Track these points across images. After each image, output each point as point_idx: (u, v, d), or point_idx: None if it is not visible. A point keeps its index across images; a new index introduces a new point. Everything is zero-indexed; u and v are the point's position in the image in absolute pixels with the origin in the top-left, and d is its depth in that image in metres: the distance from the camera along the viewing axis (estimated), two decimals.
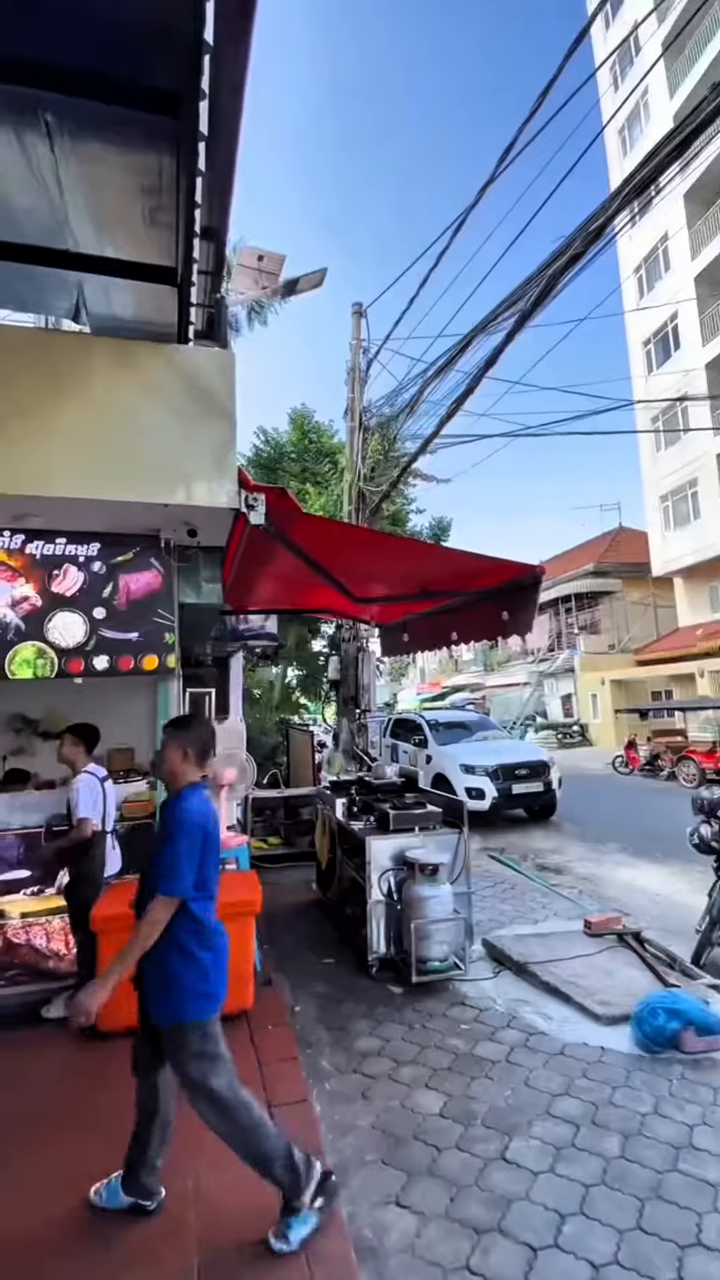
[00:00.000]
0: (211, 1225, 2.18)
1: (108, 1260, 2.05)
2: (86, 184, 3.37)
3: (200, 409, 3.69)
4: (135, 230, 3.72)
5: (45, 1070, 3.14)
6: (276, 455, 14.55)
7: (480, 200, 6.11)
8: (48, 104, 2.89)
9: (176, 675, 4.36)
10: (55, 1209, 2.27)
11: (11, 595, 3.95)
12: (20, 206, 3.55)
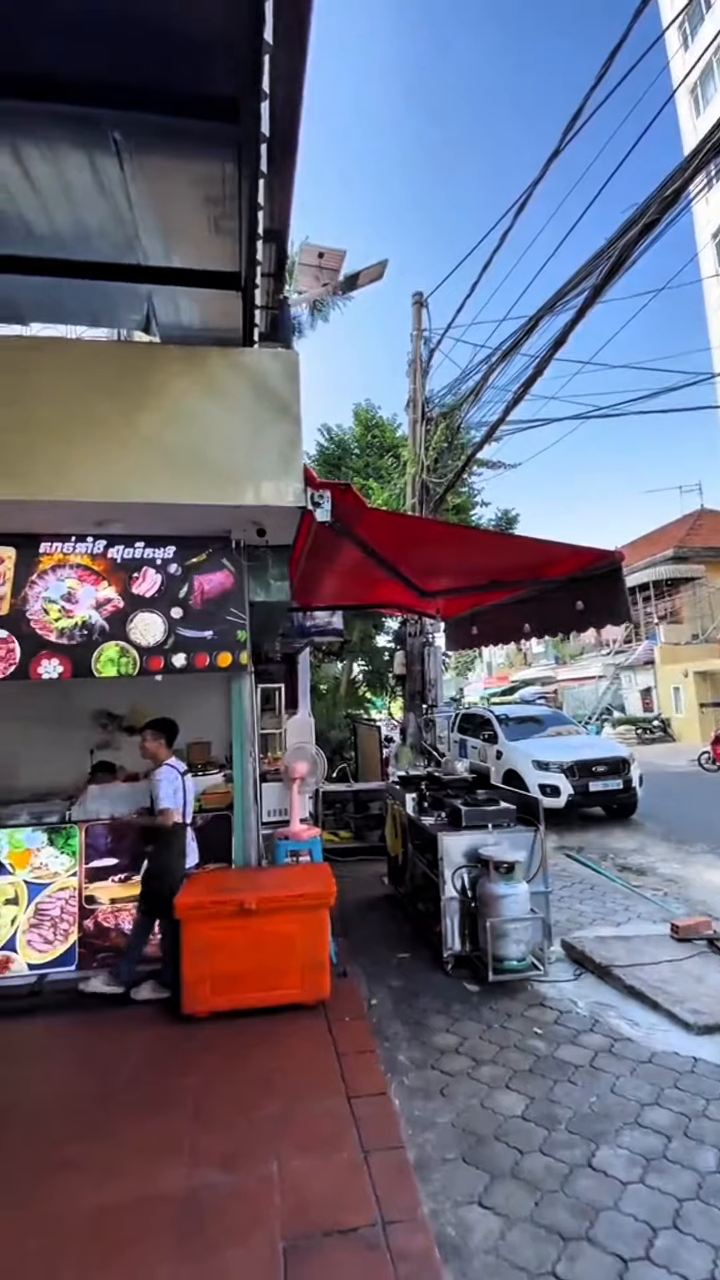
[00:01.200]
0: (296, 1210, 2.22)
1: (200, 1237, 2.13)
2: (154, 198, 3.48)
3: (267, 410, 3.75)
4: (200, 239, 3.81)
5: (136, 1050, 3.29)
6: (340, 452, 14.65)
7: (545, 174, 5.89)
8: (115, 122, 3.00)
9: (249, 672, 4.47)
10: (149, 1185, 2.37)
11: (96, 597, 4.17)
12: (93, 226, 3.71)
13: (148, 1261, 2.03)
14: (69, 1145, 2.58)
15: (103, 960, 4.11)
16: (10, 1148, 2.58)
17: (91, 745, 7.43)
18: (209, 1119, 2.71)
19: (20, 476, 3.50)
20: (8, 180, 3.32)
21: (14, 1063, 3.24)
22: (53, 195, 3.43)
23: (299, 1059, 3.14)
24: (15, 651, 4.03)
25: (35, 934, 4.10)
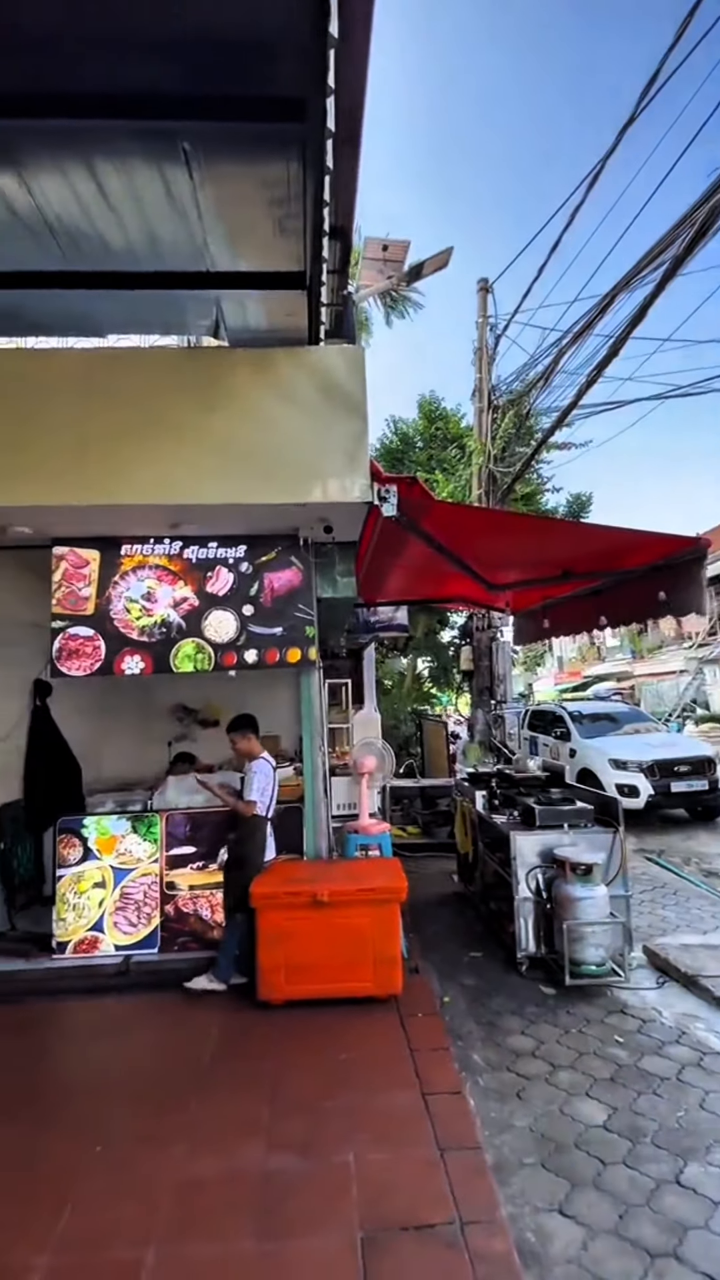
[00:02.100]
0: (373, 1201, 2.24)
1: (278, 1217, 2.18)
2: (221, 204, 3.56)
3: (333, 407, 3.77)
4: (265, 241, 3.87)
5: (216, 1032, 3.41)
6: (404, 445, 14.56)
7: (618, 145, 5.61)
8: (184, 133, 3.08)
9: (317, 667, 4.52)
10: (231, 1163, 2.46)
11: (173, 596, 4.33)
12: (165, 236, 3.83)
13: (230, 1236, 2.10)
14: (158, 1117, 2.71)
15: (183, 944, 4.29)
16: (109, 1115, 2.73)
17: (169, 738, 7.77)
18: (285, 1104, 2.77)
19: (101, 482, 3.68)
20: (85, 198, 3.48)
21: (108, 1037, 3.43)
22: (126, 210, 3.57)
23: (372, 1052, 3.16)
24: (101, 649, 4.25)
25: (121, 916, 4.32)
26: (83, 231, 3.73)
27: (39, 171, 3.30)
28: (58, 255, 3.92)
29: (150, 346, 4.23)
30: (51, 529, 4.18)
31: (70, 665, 4.24)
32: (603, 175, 6.10)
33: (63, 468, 3.65)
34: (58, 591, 4.29)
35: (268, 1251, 2.04)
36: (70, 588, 4.30)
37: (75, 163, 3.27)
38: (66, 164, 3.28)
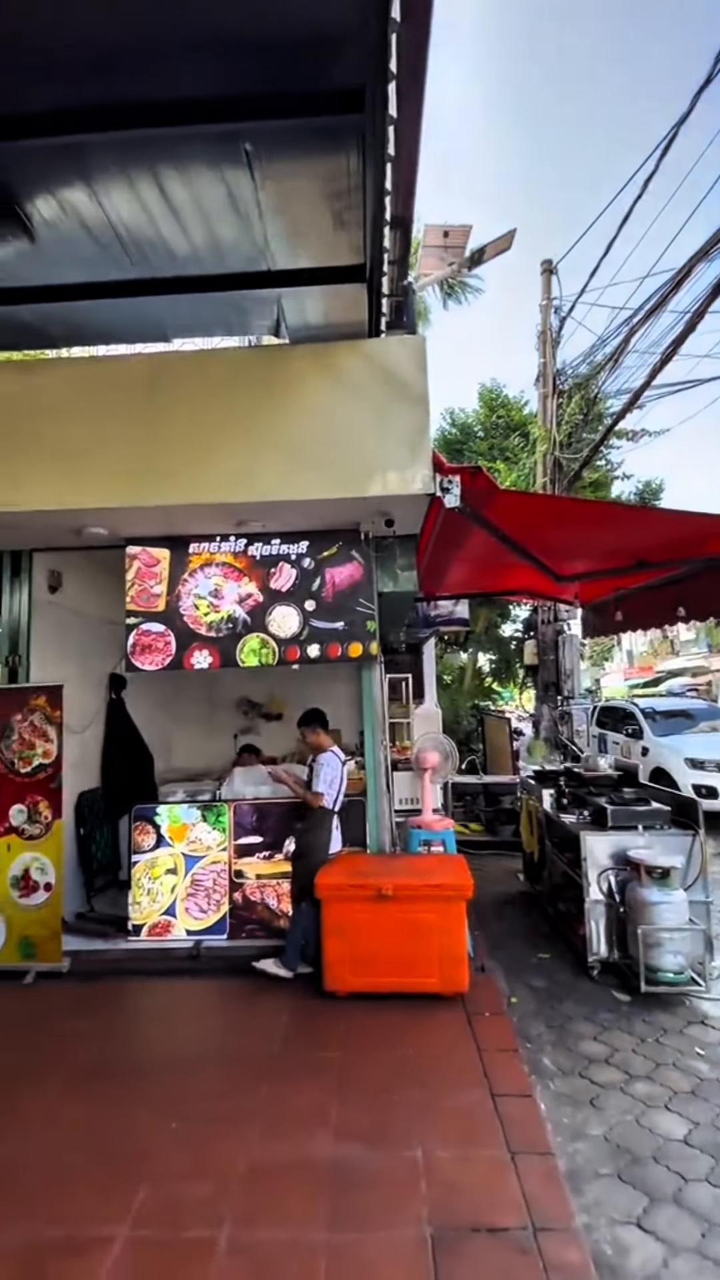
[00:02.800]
0: (442, 1199, 2.22)
1: (348, 1208, 2.20)
2: (281, 201, 3.58)
3: (395, 398, 3.74)
4: (325, 236, 3.87)
5: (283, 1019, 3.48)
6: (463, 436, 14.31)
7: (693, 109, 5.28)
8: (246, 134, 3.11)
9: (379, 661, 4.51)
10: (300, 1150, 2.49)
11: (239, 593, 4.43)
12: (226, 240, 3.89)
13: (299, 1222, 2.13)
14: (230, 1099, 2.78)
15: (250, 932, 4.39)
16: (183, 1094, 2.83)
17: (234, 730, 7.97)
18: (352, 1095, 2.79)
19: (170, 483, 3.80)
20: (151, 207, 3.57)
21: (181, 1018, 3.56)
22: (190, 215, 3.65)
23: (439, 1049, 3.13)
24: (172, 644, 4.40)
25: (191, 902, 4.47)
26: (149, 239, 3.84)
27: (109, 184, 3.42)
28: (126, 264, 4.06)
29: (213, 348, 4.33)
30: (124, 529, 4.35)
31: (144, 660, 4.41)
32: (676, 141, 5.76)
33: (133, 469, 3.78)
34: (131, 589, 4.46)
35: (339, 1241, 2.06)
36: (143, 586, 4.47)
37: (142, 172, 3.36)
38: (134, 174, 3.38)
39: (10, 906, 4.16)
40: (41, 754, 4.27)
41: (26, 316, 4.48)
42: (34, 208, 3.54)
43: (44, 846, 4.21)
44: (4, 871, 4.20)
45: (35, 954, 4.11)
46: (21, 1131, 2.62)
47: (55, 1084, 2.94)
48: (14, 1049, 3.23)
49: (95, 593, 5.64)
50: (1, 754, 4.31)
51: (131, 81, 2.82)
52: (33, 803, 4.24)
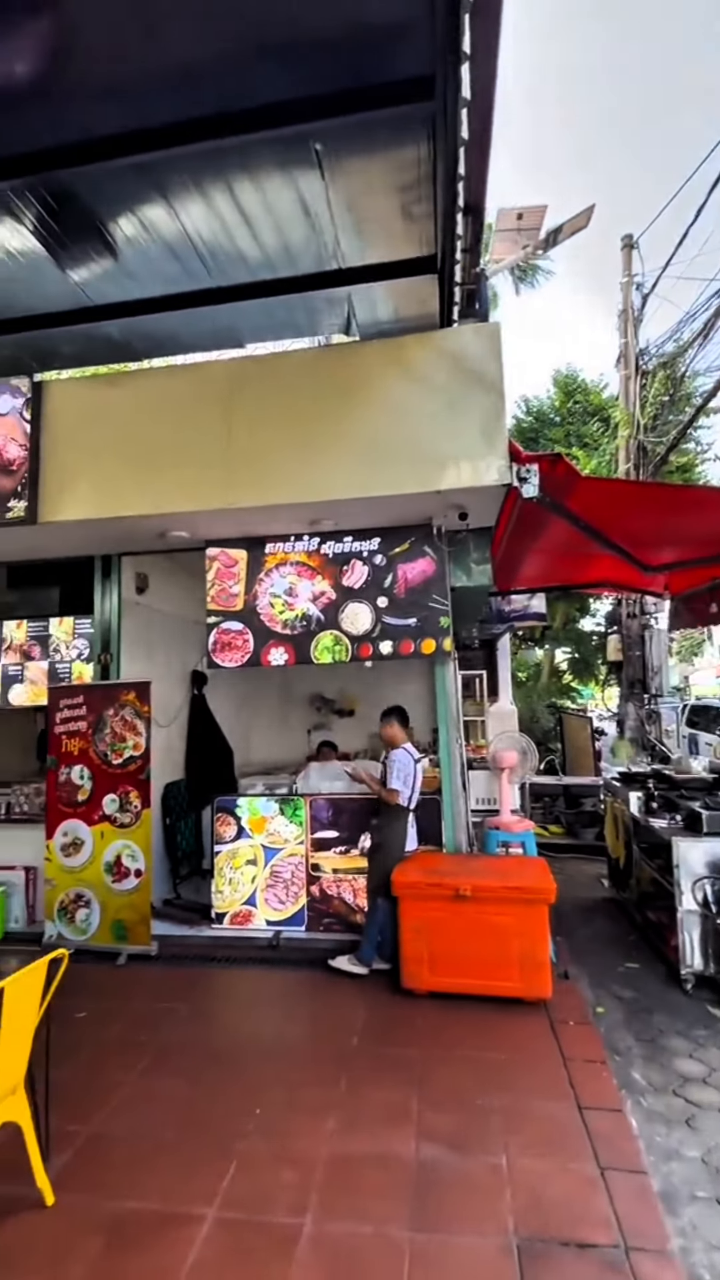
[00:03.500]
0: (529, 1209, 2.16)
1: (431, 1208, 2.18)
2: (352, 198, 3.58)
3: (468, 388, 3.67)
4: (394, 230, 3.84)
5: (361, 1013, 3.50)
6: (538, 424, 13.87)
7: None
8: (316, 134, 3.13)
9: (452, 658, 4.45)
10: (381, 1146, 2.50)
11: (313, 591, 4.49)
12: (297, 242, 3.94)
13: (383, 1219, 2.13)
14: (311, 1090, 2.82)
15: (327, 925, 4.45)
16: (265, 1081, 2.90)
17: (308, 726, 8.11)
18: (433, 1095, 2.76)
19: (247, 485, 3.89)
20: (225, 216, 3.67)
21: (262, 1006, 3.66)
22: (261, 221, 3.72)
23: (522, 1055, 3.05)
24: (250, 642, 4.53)
25: (271, 893, 4.58)
26: (224, 248, 3.95)
27: (185, 198, 3.54)
28: (204, 275, 4.19)
29: (285, 350, 4.40)
30: (205, 532, 4.50)
31: (223, 657, 4.56)
32: None
33: (212, 473, 3.91)
34: (211, 589, 4.62)
35: (422, 1241, 2.05)
36: (222, 586, 4.62)
37: (216, 183, 3.46)
38: (208, 186, 3.48)
39: (104, 891, 4.42)
40: (131, 746, 4.50)
41: (112, 332, 4.73)
42: (116, 227, 3.72)
43: (134, 834, 4.44)
44: (98, 857, 4.47)
45: (127, 937, 4.34)
46: (116, 1104, 2.77)
47: (146, 1060, 3.09)
48: (110, 1024, 3.43)
49: (177, 593, 5.89)
50: (95, 746, 4.58)
51: (207, 96, 2.91)
52: (124, 792, 4.48)
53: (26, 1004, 2.11)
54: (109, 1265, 1.97)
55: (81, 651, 4.99)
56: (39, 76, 2.76)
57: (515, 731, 5.58)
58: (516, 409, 14.36)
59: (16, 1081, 2.14)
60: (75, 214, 3.58)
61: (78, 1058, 3.07)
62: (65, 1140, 2.50)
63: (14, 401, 4.07)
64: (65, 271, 4.06)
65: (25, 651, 5.09)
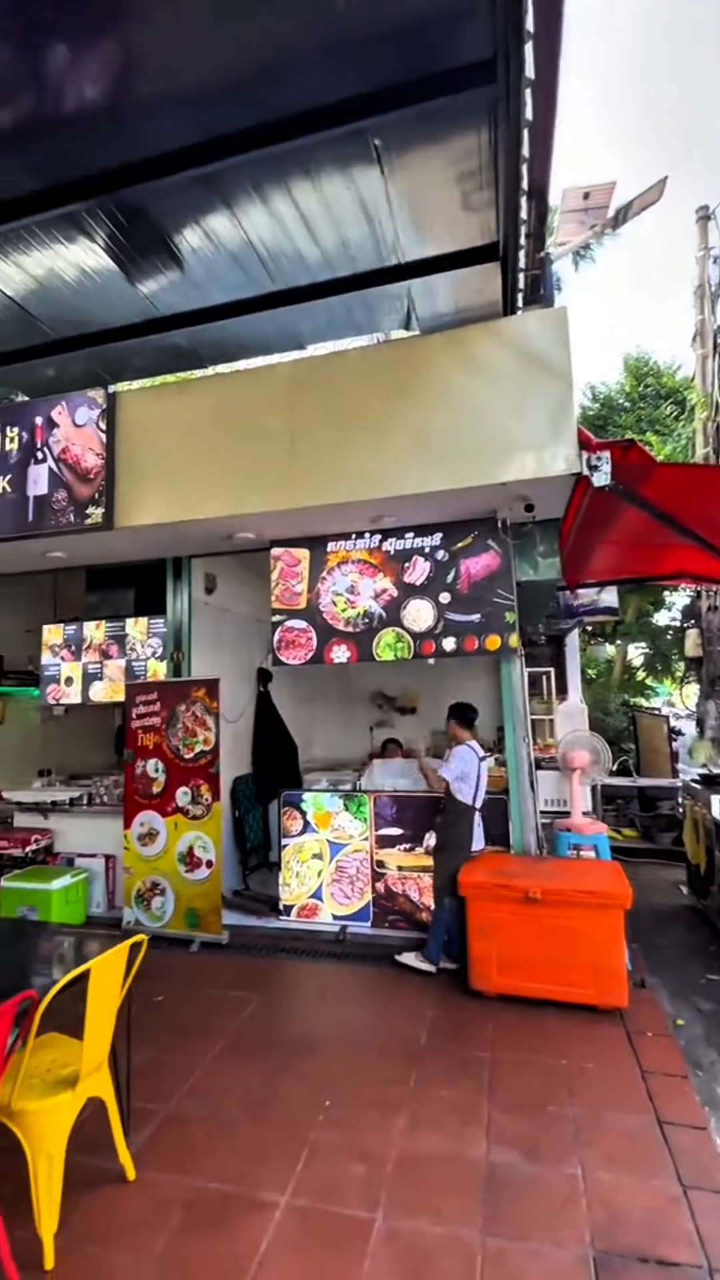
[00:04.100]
0: (607, 1223, 2.09)
1: (504, 1214, 2.14)
2: (411, 191, 3.55)
3: (534, 375, 3.57)
4: (454, 220, 3.78)
5: (429, 1012, 3.48)
6: (606, 410, 13.33)
7: None
8: (375, 129, 3.12)
9: (518, 655, 4.34)
10: (452, 1147, 2.48)
11: (374, 588, 4.50)
12: (355, 240, 3.94)
13: (456, 1220, 2.11)
14: (379, 1085, 2.83)
15: (393, 922, 4.46)
16: (334, 1073, 2.94)
17: (370, 723, 8.14)
18: (504, 1099, 2.72)
19: (310, 485, 3.94)
20: (286, 220, 3.72)
21: (330, 999, 3.70)
22: (321, 222, 3.75)
23: (597, 1064, 2.95)
24: (313, 640, 4.59)
25: (336, 888, 4.63)
26: (284, 252, 4.00)
27: (248, 205, 3.61)
28: (266, 280, 4.26)
29: (344, 349, 4.41)
30: (269, 532, 4.59)
31: (288, 655, 4.64)
32: None
33: (277, 476, 3.98)
34: (276, 588, 4.71)
35: (496, 1246, 2.01)
36: (286, 585, 4.70)
37: (276, 188, 3.51)
38: (268, 191, 3.53)
39: (178, 880, 4.60)
40: (202, 741, 4.66)
41: (180, 341, 4.89)
42: (182, 238, 3.84)
43: (205, 826, 4.59)
44: (172, 847, 4.65)
45: (199, 925, 4.50)
46: (191, 1086, 2.87)
47: (220, 1046, 3.19)
48: (184, 1009, 3.56)
49: (243, 593, 6.05)
50: (168, 740, 4.76)
51: (268, 102, 2.95)
52: (195, 785, 4.64)
53: (110, 985, 2.22)
54: (187, 1242, 2.04)
55: (155, 650, 5.20)
56: (107, 97, 2.89)
57: (586, 730, 5.40)
58: (582, 396, 13.85)
59: (102, 1059, 2.25)
60: (143, 229, 3.72)
61: (156, 1040, 3.20)
62: (144, 1118, 2.62)
63: (91, 413, 4.28)
64: (135, 285, 4.23)
65: (104, 650, 5.36)
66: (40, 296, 4.34)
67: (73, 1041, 2.33)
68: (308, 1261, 1.97)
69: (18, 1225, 1.96)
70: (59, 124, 3.00)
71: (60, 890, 4.68)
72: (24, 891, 4.66)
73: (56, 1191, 2.01)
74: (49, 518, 4.30)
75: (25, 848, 5.14)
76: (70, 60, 2.69)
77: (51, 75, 2.76)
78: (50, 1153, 2.01)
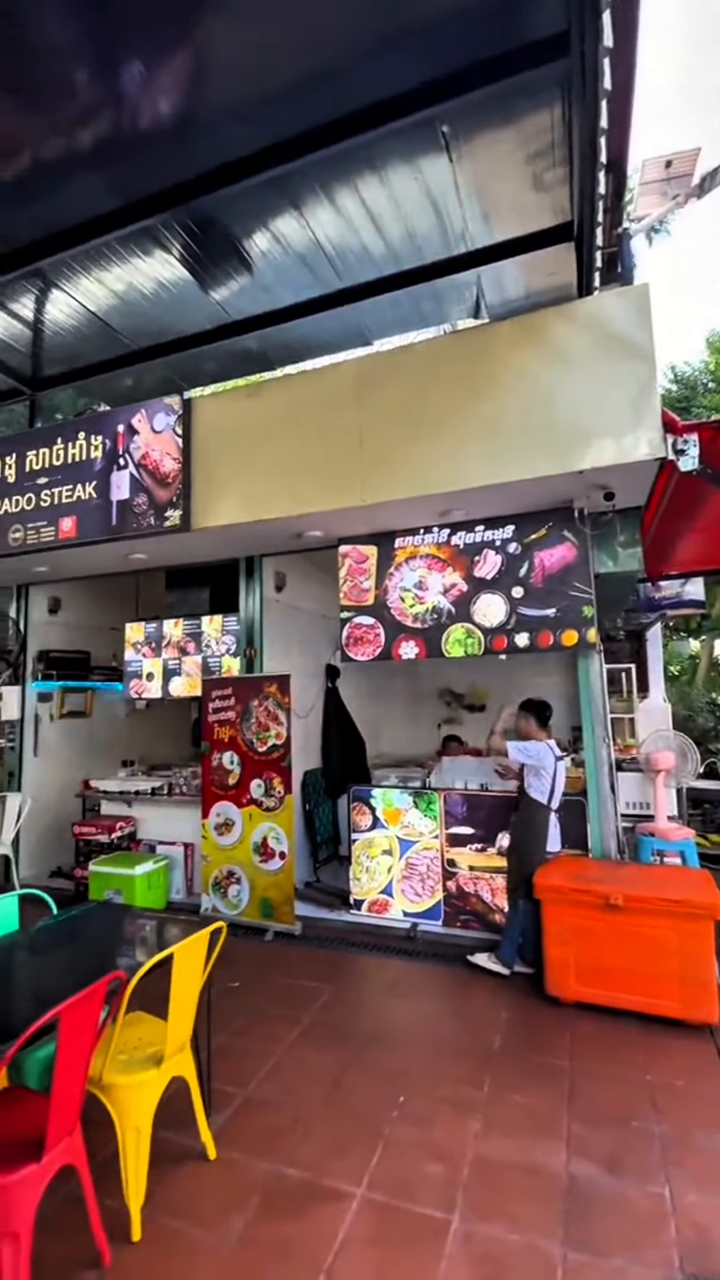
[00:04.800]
0: (697, 1247, 1.98)
1: (587, 1229, 2.07)
2: (480, 177, 3.48)
3: (613, 358, 3.41)
4: (524, 202, 3.68)
5: (504, 1015, 3.41)
6: (687, 391, 12.59)
7: None
8: (443, 116, 3.07)
9: (596, 650, 4.17)
10: (531, 1155, 2.42)
11: (443, 583, 4.44)
12: (422, 232, 3.90)
13: (536, 1231, 2.06)
14: (454, 1086, 2.80)
15: (465, 922, 4.40)
16: (408, 1070, 2.93)
17: (437, 720, 8.06)
18: (584, 1111, 2.62)
19: (378, 482, 3.93)
20: (352, 217, 3.73)
21: (402, 996, 3.70)
22: (387, 216, 3.73)
23: (685, 1081, 2.80)
24: (381, 636, 4.59)
25: (407, 885, 4.62)
26: (351, 249, 4.02)
27: (315, 205, 3.64)
28: (334, 278, 4.29)
29: (410, 342, 4.37)
30: (337, 530, 4.63)
31: (356, 651, 4.66)
32: None
33: (345, 472, 3.99)
34: (344, 585, 4.74)
35: (577, 1260, 1.95)
36: (354, 582, 4.72)
37: (342, 186, 3.53)
38: (335, 190, 3.55)
39: (253, 869, 4.72)
40: (274, 735, 4.76)
41: (250, 345, 5.01)
42: (251, 243, 3.92)
43: (278, 818, 4.69)
44: (247, 837, 4.78)
45: (273, 914, 4.61)
46: (268, 1071, 2.94)
47: (295, 1034, 3.25)
48: (260, 996, 3.66)
49: (312, 590, 6.13)
50: (243, 734, 4.90)
51: (335, 99, 2.96)
52: (268, 778, 4.75)
53: (193, 969, 2.30)
54: (265, 1225, 2.09)
55: (229, 646, 5.36)
56: (179, 109, 2.98)
57: (671, 730, 5.13)
58: (663, 378, 13.12)
59: (185, 1040, 2.34)
60: (215, 236, 3.83)
61: (233, 1025, 3.31)
62: (224, 1100, 2.71)
63: (168, 419, 4.45)
64: (207, 292, 4.37)
65: (182, 647, 5.57)
66: (121, 310, 4.55)
67: (157, 1021, 2.44)
68: (384, 1255, 1.98)
69: (107, 1194, 2.07)
70: (135, 141, 3.13)
71: (143, 876, 4.92)
72: (111, 876, 4.93)
73: (143, 1165, 2.11)
74: (131, 521, 4.51)
75: (111, 834, 5.43)
76: (145, 77, 2.80)
77: (128, 94, 2.88)
78: (138, 1126, 2.11)
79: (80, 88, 2.84)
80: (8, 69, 2.77)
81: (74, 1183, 1.99)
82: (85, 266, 4.05)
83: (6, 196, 3.46)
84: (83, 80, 2.81)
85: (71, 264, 3.99)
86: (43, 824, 6.25)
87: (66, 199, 3.49)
